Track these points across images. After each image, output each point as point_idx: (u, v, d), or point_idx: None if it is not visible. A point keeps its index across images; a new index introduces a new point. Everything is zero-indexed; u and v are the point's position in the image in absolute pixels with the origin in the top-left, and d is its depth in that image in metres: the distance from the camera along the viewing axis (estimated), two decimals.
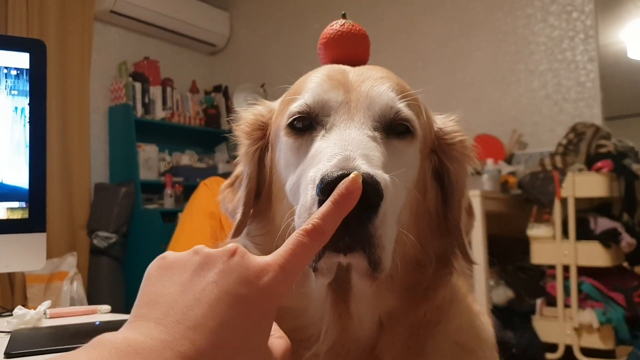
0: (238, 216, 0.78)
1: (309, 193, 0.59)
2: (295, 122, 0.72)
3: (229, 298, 0.45)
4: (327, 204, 0.52)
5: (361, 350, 0.70)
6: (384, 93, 0.71)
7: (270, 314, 0.48)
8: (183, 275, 0.47)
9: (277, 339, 0.53)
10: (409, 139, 0.72)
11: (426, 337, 0.71)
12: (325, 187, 0.55)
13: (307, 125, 0.72)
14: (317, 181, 0.57)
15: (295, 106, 0.72)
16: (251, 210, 0.80)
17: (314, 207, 0.57)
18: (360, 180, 0.54)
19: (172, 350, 0.42)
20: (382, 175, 0.59)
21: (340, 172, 0.55)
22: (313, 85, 0.73)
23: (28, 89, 1.18)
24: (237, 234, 0.78)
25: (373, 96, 0.71)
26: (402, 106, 0.71)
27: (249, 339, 0.46)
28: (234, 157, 0.86)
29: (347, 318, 0.69)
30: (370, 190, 0.55)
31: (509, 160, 4.12)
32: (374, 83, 0.72)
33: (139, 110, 5.14)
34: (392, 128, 0.71)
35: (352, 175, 0.54)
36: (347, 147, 0.62)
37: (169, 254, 0.51)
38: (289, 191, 0.71)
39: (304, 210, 0.60)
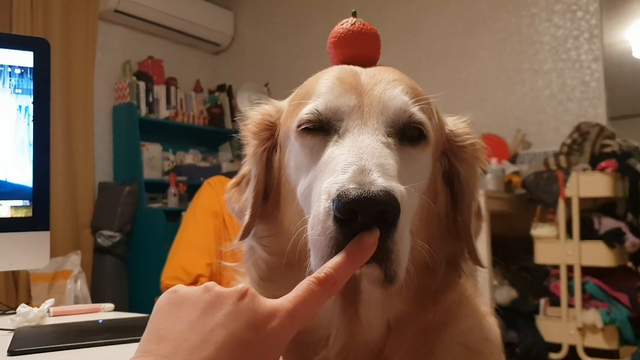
0: (246, 218, 0.76)
1: (322, 204, 0.59)
2: (307, 126, 0.71)
3: (235, 342, 0.46)
4: (342, 255, 0.54)
5: (369, 353, 0.70)
6: (397, 97, 0.70)
7: (275, 357, 0.49)
8: (192, 313, 0.48)
9: None
10: (422, 144, 0.71)
11: (434, 339, 0.71)
12: (343, 207, 0.55)
13: (318, 128, 0.70)
14: (334, 196, 0.56)
15: (306, 112, 0.71)
16: (259, 212, 0.79)
17: (328, 220, 0.57)
18: (378, 236, 0.55)
19: None
20: (398, 188, 0.58)
21: (358, 192, 0.55)
22: (324, 89, 0.72)
23: (32, 87, 1.18)
24: (245, 235, 0.77)
25: (386, 100, 0.70)
26: (415, 110, 0.70)
27: None
28: (238, 156, 0.86)
29: (356, 322, 0.69)
30: (389, 208, 0.55)
31: (513, 159, 4.11)
32: (387, 86, 0.71)
33: (143, 110, 5.14)
34: (405, 132, 0.70)
35: (371, 229, 0.55)
36: (361, 155, 0.61)
37: (180, 288, 0.51)
38: (300, 195, 0.70)
39: (317, 222, 0.59)
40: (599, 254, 3.19)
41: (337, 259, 0.54)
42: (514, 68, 4.33)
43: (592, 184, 3.24)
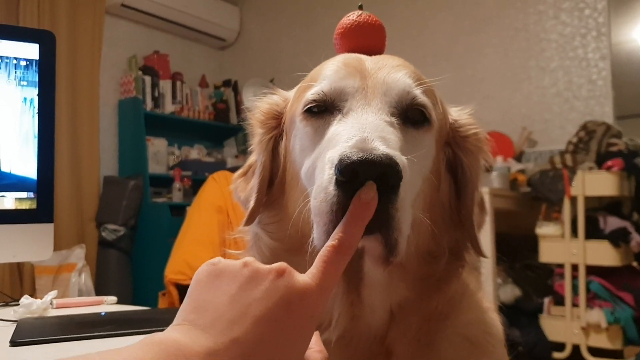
0: (251, 204, 0.78)
1: (325, 173, 0.59)
2: (312, 108, 0.72)
3: (271, 318, 0.47)
4: (347, 217, 0.55)
5: (371, 339, 0.70)
6: (400, 79, 0.72)
7: (309, 332, 0.51)
8: (231, 286, 0.49)
9: (315, 352, 0.55)
10: (426, 127, 0.72)
11: (436, 329, 0.72)
12: (345, 169, 0.55)
13: (323, 110, 0.72)
14: (336, 162, 0.57)
15: (312, 93, 0.72)
16: (264, 199, 0.80)
17: (330, 185, 0.58)
18: (375, 188, 0.55)
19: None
20: (400, 157, 0.58)
21: (359, 155, 0.55)
22: (329, 72, 0.73)
23: (37, 79, 1.18)
24: (250, 221, 0.79)
25: (390, 82, 0.71)
26: (418, 92, 0.72)
27: (285, 356, 0.48)
28: (243, 152, 0.87)
29: (359, 306, 0.70)
30: (390, 171, 0.56)
31: (518, 157, 4.10)
32: (391, 70, 0.72)
33: (149, 104, 5.15)
34: (409, 115, 0.71)
35: (367, 184, 0.55)
36: (364, 129, 0.62)
37: (219, 261, 0.52)
38: (304, 175, 0.71)
39: (320, 190, 0.59)
40: (604, 253, 3.17)
41: (343, 222, 0.55)
42: (521, 65, 4.31)
43: (597, 182, 3.23)
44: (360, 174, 0.55)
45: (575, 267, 3.26)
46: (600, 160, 3.36)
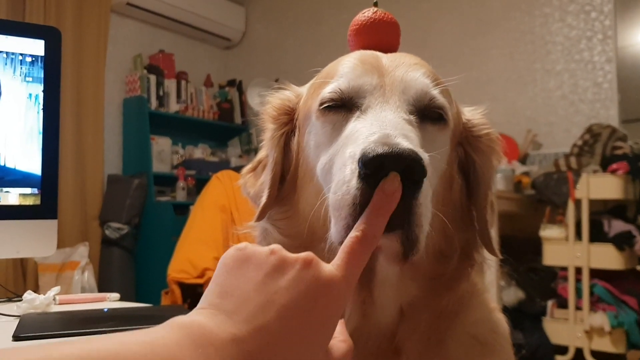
0: (263, 199, 0.77)
1: (347, 168, 0.59)
2: (328, 105, 0.72)
3: (296, 307, 0.47)
4: (370, 208, 0.54)
5: (381, 337, 0.71)
6: (419, 79, 0.71)
7: (333, 322, 0.50)
8: (257, 273, 0.49)
9: (340, 342, 0.54)
10: (443, 126, 0.72)
11: (446, 328, 0.72)
12: (370, 161, 0.55)
13: (340, 106, 0.71)
14: (359, 156, 0.56)
15: (329, 91, 0.72)
16: (275, 194, 0.79)
17: (353, 179, 0.57)
18: (399, 179, 0.55)
19: (239, 347, 0.44)
20: (423, 153, 0.58)
21: (385, 148, 0.55)
22: (346, 69, 0.73)
23: (42, 76, 1.18)
24: (261, 217, 0.78)
25: (408, 81, 0.71)
26: (436, 93, 0.71)
27: (308, 346, 0.48)
28: (247, 151, 0.86)
29: (370, 304, 0.70)
30: (415, 165, 0.55)
31: (523, 160, 4.09)
32: (408, 69, 0.72)
33: (153, 103, 5.16)
34: (426, 114, 0.71)
35: (390, 175, 0.54)
36: (385, 126, 0.61)
37: (246, 246, 0.52)
38: (319, 171, 0.70)
39: (341, 184, 0.59)
40: (608, 257, 3.16)
41: (366, 214, 0.54)
42: (526, 68, 4.30)
43: (602, 185, 3.22)
44: (386, 167, 0.55)
45: (579, 270, 3.25)
46: (605, 164, 3.35)
